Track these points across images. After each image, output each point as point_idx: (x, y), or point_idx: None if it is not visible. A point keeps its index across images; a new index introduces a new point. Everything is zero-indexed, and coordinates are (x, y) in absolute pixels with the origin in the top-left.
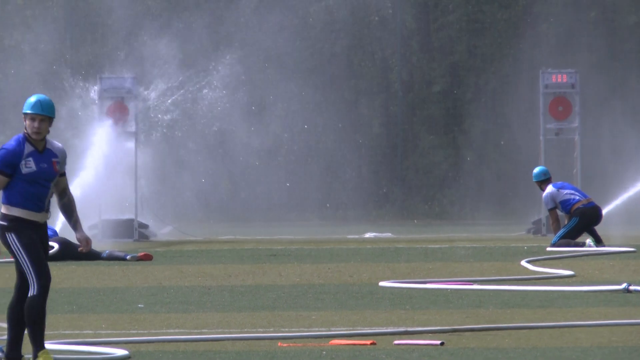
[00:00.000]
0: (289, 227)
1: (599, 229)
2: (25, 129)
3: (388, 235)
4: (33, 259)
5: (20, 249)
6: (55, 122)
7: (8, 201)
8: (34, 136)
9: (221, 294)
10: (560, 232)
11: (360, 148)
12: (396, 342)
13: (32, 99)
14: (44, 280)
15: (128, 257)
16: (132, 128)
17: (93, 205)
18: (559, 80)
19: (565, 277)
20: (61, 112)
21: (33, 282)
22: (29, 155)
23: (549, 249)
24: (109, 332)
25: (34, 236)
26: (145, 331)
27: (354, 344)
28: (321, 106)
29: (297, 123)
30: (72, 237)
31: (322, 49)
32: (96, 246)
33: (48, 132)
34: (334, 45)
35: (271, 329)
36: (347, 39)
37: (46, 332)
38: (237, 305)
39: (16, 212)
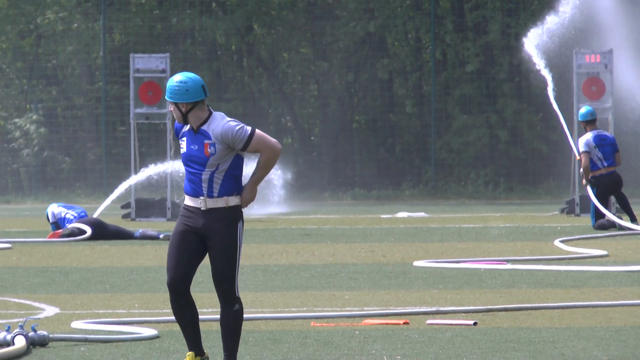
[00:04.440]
0: (322, 207)
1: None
2: None
3: (421, 214)
4: (169, 252)
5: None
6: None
7: None
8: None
9: (254, 273)
10: (592, 211)
11: (394, 127)
12: (429, 321)
13: (174, 78)
14: (169, 278)
15: (161, 236)
16: (166, 108)
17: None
18: (592, 60)
19: (598, 257)
20: (96, 93)
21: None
22: (184, 135)
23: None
24: (142, 311)
25: (185, 225)
26: None
27: (387, 324)
28: (355, 86)
29: (331, 102)
30: (106, 218)
31: (355, 28)
32: (129, 225)
33: (190, 113)
34: (367, 24)
35: (304, 309)
36: (381, 19)
37: (79, 312)
38: (270, 284)
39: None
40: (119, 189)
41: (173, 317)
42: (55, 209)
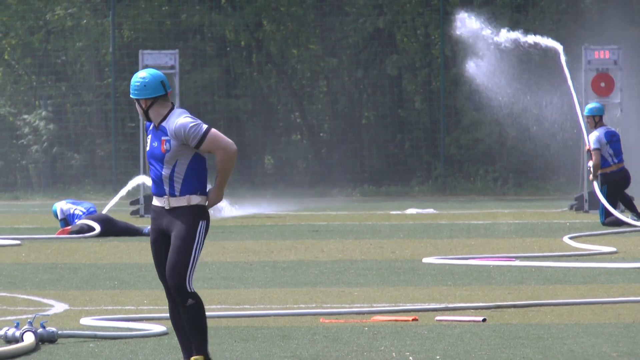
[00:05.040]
0: (331, 203)
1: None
2: None
3: (430, 211)
4: (154, 264)
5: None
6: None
7: None
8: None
9: (263, 269)
10: (600, 207)
11: (403, 123)
12: (438, 318)
13: (136, 74)
14: (165, 288)
15: None
16: (175, 104)
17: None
18: (602, 56)
19: (607, 253)
20: (106, 89)
21: None
22: (149, 132)
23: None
24: (151, 307)
25: (156, 230)
26: None
27: (396, 320)
28: (364, 82)
29: (340, 99)
30: (115, 215)
31: (364, 24)
32: (138, 222)
33: (150, 109)
34: (376, 20)
35: (313, 305)
36: (390, 15)
37: (88, 308)
38: (279, 281)
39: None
40: (128, 185)
41: None
42: (63, 205)
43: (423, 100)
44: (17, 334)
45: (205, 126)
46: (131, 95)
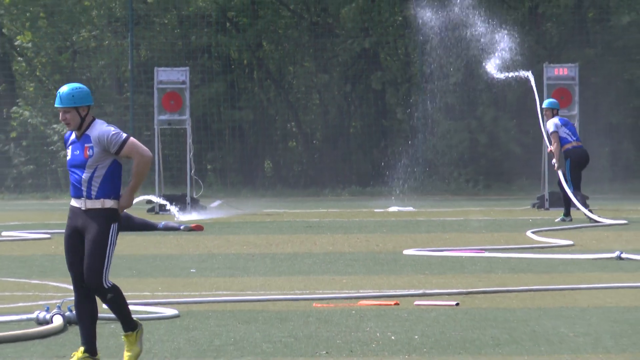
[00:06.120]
0: (323, 202)
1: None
2: None
3: (410, 209)
4: (66, 258)
5: None
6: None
7: None
8: (67, 127)
9: (263, 260)
10: (568, 180)
11: (386, 132)
12: (417, 302)
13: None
14: (72, 279)
15: (182, 227)
16: (186, 115)
17: (151, 181)
18: (561, 73)
19: (565, 246)
20: (125, 102)
21: None
22: (71, 143)
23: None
24: (165, 293)
25: (71, 227)
26: (197, 293)
27: (380, 305)
28: (352, 95)
29: (331, 110)
30: (133, 212)
31: (352, 44)
32: (153, 218)
33: (86, 118)
34: (363, 41)
35: (307, 291)
36: (375, 36)
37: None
38: (277, 270)
39: None
40: (143, 197)
41: (193, 299)
42: None
43: (404, 111)
44: (47, 316)
45: (125, 135)
46: (60, 105)
